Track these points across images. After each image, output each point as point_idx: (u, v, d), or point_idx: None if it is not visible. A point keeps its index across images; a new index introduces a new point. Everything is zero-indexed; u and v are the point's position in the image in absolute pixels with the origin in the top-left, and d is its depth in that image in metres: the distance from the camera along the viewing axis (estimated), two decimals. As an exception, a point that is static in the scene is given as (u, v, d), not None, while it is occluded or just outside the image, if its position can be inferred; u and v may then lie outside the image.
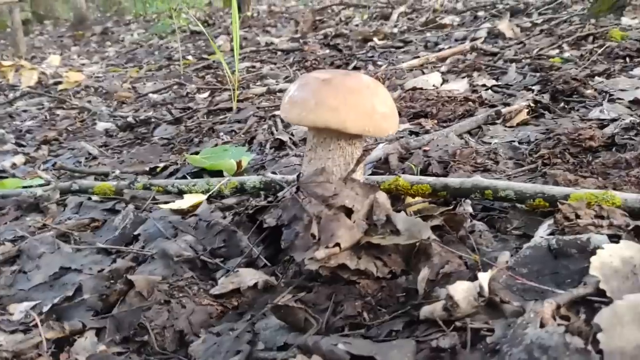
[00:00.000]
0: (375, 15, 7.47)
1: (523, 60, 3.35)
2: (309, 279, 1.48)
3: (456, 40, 4.90)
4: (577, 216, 1.34)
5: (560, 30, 3.98)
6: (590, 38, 3.60)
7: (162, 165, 2.64)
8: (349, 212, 1.48)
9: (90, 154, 3.17)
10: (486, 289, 1.19)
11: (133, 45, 9.31)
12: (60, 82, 5.96)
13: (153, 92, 4.85)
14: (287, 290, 1.46)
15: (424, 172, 1.99)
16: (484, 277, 1.21)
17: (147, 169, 2.64)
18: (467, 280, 1.35)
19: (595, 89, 2.63)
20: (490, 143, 2.19)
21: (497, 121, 2.40)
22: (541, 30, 4.27)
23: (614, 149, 1.94)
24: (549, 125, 2.27)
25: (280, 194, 1.58)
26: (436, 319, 1.20)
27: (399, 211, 1.65)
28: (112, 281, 1.61)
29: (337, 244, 1.39)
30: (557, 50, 3.50)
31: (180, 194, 2.11)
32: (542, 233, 1.43)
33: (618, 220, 1.34)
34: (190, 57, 6.75)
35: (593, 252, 1.19)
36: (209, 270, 1.62)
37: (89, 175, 2.69)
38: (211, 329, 1.37)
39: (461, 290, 1.19)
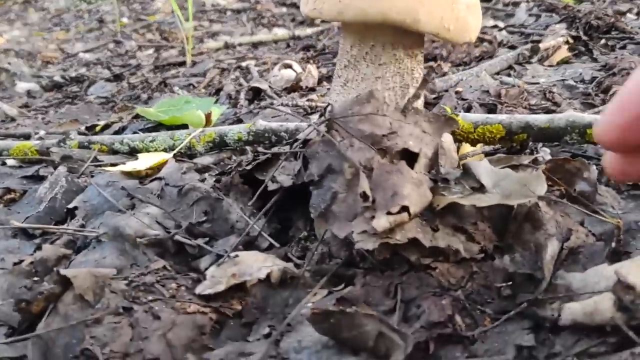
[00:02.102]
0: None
1: (528, 2, 2.90)
2: (347, 263, 0.97)
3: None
4: None
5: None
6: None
7: (102, 123, 2.02)
8: (410, 159, 0.97)
9: (7, 115, 2.50)
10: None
11: (59, 11, 8.37)
12: (-26, 47, 5.10)
13: (85, 52, 4.14)
14: (320, 285, 0.93)
15: (464, 117, 1.50)
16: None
17: (83, 128, 2.02)
18: (607, 258, 0.88)
19: (632, 27, 2.21)
20: (538, 83, 1.72)
21: (532, 60, 1.93)
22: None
23: None
24: (603, 61, 1.82)
25: (300, 136, 1.03)
26: (603, 325, 0.72)
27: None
28: (36, 279, 1.05)
29: (405, 208, 0.87)
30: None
31: (132, 153, 1.53)
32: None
33: None
34: (125, 20, 5.98)
35: None
36: (188, 256, 1.07)
37: (5, 138, 2.05)
38: (206, 354, 0.83)
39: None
